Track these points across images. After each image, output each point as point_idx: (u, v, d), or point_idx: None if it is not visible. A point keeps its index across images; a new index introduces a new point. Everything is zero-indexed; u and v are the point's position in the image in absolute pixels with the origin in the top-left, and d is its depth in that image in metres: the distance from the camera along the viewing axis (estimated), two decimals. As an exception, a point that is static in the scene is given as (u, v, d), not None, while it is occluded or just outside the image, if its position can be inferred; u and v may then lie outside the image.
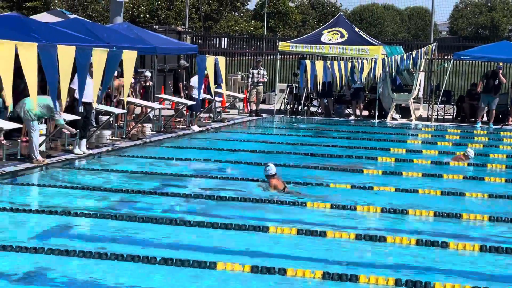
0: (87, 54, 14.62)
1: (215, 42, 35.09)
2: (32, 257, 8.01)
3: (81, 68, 14.52)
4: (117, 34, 20.16)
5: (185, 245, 8.86)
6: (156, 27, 30.40)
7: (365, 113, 25.96)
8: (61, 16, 24.18)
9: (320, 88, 24.60)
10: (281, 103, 26.36)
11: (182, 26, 39.12)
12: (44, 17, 23.56)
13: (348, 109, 26.08)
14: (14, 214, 10.03)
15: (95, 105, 15.52)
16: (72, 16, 24.85)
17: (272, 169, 11.89)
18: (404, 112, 25.56)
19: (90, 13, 54.54)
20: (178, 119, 21.61)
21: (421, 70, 25.78)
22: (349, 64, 23.08)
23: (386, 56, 24.25)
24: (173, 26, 39.48)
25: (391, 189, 12.68)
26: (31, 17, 21.74)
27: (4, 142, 14.54)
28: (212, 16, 72.32)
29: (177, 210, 10.77)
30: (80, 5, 56.22)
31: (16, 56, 12.48)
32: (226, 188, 12.23)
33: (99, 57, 15.05)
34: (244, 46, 36.61)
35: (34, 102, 13.23)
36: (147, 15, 57.75)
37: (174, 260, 7.84)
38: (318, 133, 20.97)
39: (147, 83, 20.91)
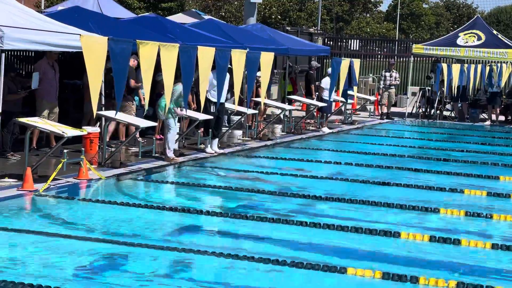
0: (226, 55, 14.82)
1: (346, 43, 34.86)
2: (165, 254, 8.14)
3: (220, 69, 14.74)
4: (250, 35, 20.35)
5: (315, 247, 8.78)
6: (288, 28, 30.51)
7: (502, 118, 25.08)
8: (196, 17, 24.66)
9: (455, 92, 24.00)
10: (413, 106, 25.89)
11: (314, 27, 39.13)
12: (179, 17, 24.09)
13: (483, 114, 25.30)
14: (148, 210, 10.25)
15: (236, 107, 15.77)
16: (207, 17, 25.28)
17: None
18: (543, 118, 24.54)
19: (223, 13, 55.51)
20: (308, 121, 21.58)
21: None
22: (487, 68, 22.36)
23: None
24: (304, 27, 39.56)
25: (529, 197, 12.18)
26: (167, 17, 22.28)
27: (140, 139, 14.96)
28: (344, 17, 72.06)
29: (305, 212, 10.70)
30: (213, 6, 57.30)
31: None
32: (356, 191, 12.08)
33: (238, 58, 15.23)
34: (375, 48, 36.18)
35: (167, 102, 13.53)
36: (279, 16, 58.18)
37: (305, 264, 7.78)
38: (451, 138, 20.41)
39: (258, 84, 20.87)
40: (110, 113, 13.20)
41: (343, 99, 21.60)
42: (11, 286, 6.72)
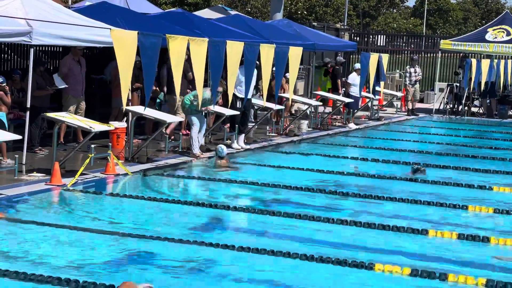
0: (254, 50, 14.79)
1: (372, 39, 34.68)
2: (192, 249, 8.13)
3: (249, 64, 14.71)
4: (277, 30, 20.31)
5: (343, 243, 8.74)
6: (315, 23, 30.42)
7: (531, 114, 24.85)
8: (223, 12, 24.67)
9: (483, 88, 23.78)
10: (441, 102, 25.70)
11: (340, 23, 38.99)
12: (206, 13, 24.12)
13: (512, 110, 25.09)
14: (174, 205, 10.25)
15: (264, 103, 15.78)
16: (233, 12, 25.27)
17: (224, 152, 13.25)
18: None
19: (249, 9, 55.48)
20: (335, 117, 21.50)
21: None
22: (517, 63, 22.18)
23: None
24: (330, 23, 39.44)
25: (558, 195, 12.03)
26: (194, 13, 22.29)
27: (166, 135, 14.97)
28: (370, 13, 71.74)
29: (332, 208, 10.65)
30: (239, 1, 57.32)
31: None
32: (382, 188, 12.00)
33: (266, 53, 15.20)
34: (402, 44, 35.98)
35: (199, 97, 13.52)
36: (305, 11, 58.04)
37: (333, 259, 7.74)
38: (479, 135, 20.24)
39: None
40: (138, 109, 13.23)
41: (370, 95, 21.49)
42: (40, 278, 6.79)
